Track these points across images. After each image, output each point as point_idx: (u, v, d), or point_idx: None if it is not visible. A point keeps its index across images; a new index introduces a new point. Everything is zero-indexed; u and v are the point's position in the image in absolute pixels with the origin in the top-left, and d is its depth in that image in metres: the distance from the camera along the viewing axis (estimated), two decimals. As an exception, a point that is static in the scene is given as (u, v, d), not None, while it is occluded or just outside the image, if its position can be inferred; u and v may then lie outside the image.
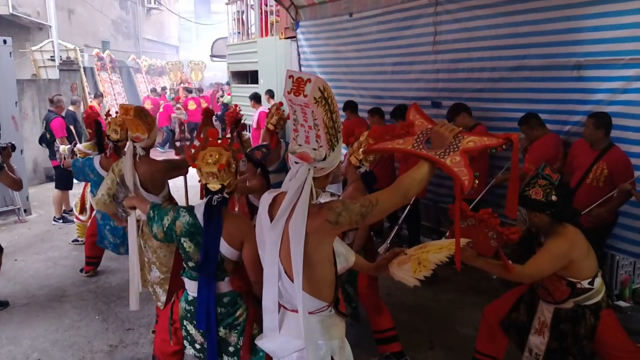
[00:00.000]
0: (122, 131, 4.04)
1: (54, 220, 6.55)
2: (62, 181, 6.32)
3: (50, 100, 6.65)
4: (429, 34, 5.08)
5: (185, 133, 13.10)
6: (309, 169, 1.68)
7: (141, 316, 3.99)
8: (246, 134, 5.77)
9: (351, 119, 5.84)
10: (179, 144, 12.37)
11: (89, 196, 4.99)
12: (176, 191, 3.89)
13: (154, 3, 23.61)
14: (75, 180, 6.33)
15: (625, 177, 3.50)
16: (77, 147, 5.38)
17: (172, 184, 3.57)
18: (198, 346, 2.41)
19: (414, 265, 2.03)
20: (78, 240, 5.66)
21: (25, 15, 12.90)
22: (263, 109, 7.95)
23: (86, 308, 4.21)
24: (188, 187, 3.94)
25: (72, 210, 6.04)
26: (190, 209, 2.37)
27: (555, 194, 2.47)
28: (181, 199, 3.86)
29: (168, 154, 11.45)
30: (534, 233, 2.74)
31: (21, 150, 6.56)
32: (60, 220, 6.51)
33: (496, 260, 2.41)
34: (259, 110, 8.16)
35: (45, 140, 6.45)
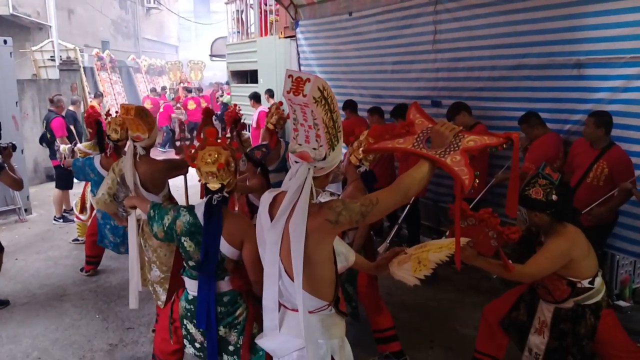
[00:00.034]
0: (122, 131, 4.04)
1: (55, 219, 6.55)
2: (63, 181, 6.32)
3: (51, 100, 6.66)
4: (429, 33, 5.07)
5: (185, 133, 13.11)
6: (308, 169, 1.68)
7: (141, 315, 3.99)
8: (246, 134, 5.76)
9: (351, 118, 5.83)
10: (179, 143, 12.36)
11: (89, 196, 4.99)
12: (176, 190, 3.89)
13: (154, 3, 23.59)
14: (75, 180, 6.35)
15: (626, 176, 3.50)
16: (78, 147, 5.39)
17: (172, 183, 3.57)
18: (198, 345, 2.41)
19: (414, 264, 2.03)
20: (78, 240, 5.67)
21: (26, 16, 12.89)
22: (263, 108, 7.95)
23: (86, 307, 4.21)
24: (188, 187, 3.94)
25: (73, 209, 6.04)
26: (190, 208, 2.37)
27: (556, 194, 2.47)
28: (181, 198, 3.86)
29: (169, 154, 11.45)
30: (534, 232, 2.73)
31: (22, 150, 6.57)
32: (61, 220, 6.51)
33: (496, 260, 2.41)
34: (259, 109, 8.16)
35: (45, 140, 6.46)
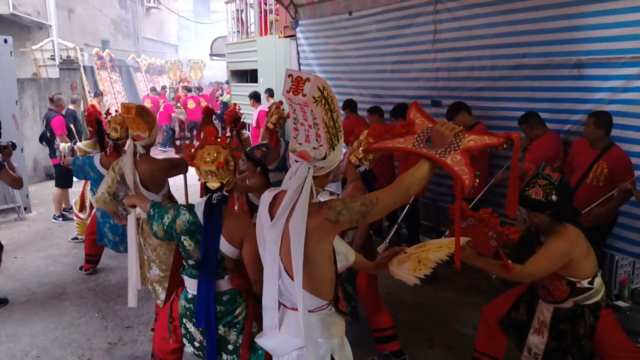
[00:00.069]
0: (122, 129, 4.04)
1: (54, 218, 6.55)
2: (62, 179, 6.32)
3: (51, 99, 6.66)
4: (429, 33, 5.07)
5: (185, 132, 13.10)
6: (308, 168, 1.68)
7: (140, 314, 3.99)
8: (245, 133, 5.76)
9: (350, 118, 5.83)
10: (178, 142, 12.35)
11: (89, 194, 4.99)
12: (176, 189, 3.89)
13: (154, 2, 23.57)
14: (75, 179, 6.35)
15: (626, 177, 3.50)
16: (77, 146, 5.39)
17: (172, 182, 3.57)
18: (197, 344, 2.41)
19: (414, 263, 2.03)
20: (78, 238, 5.66)
21: (26, 15, 12.88)
22: (262, 107, 7.95)
23: (85, 306, 4.21)
24: (188, 186, 3.94)
25: (72, 208, 6.04)
26: (190, 207, 2.37)
27: (555, 194, 2.47)
28: (181, 197, 3.86)
29: (169, 153, 11.45)
30: (533, 233, 2.73)
31: (21, 149, 6.57)
32: (60, 218, 6.51)
33: (496, 260, 2.41)
34: (259, 109, 8.16)
35: (45, 139, 6.46)
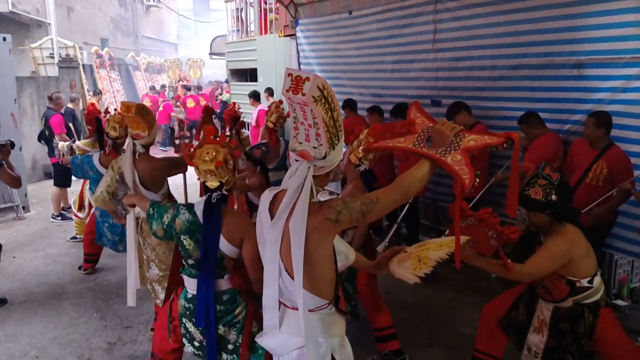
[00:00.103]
0: (121, 128, 4.03)
1: (53, 217, 6.54)
2: (61, 178, 6.31)
3: (49, 98, 6.64)
4: (429, 32, 5.06)
5: (185, 131, 13.09)
6: (308, 167, 1.68)
7: (140, 314, 3.99)
8: (245, 132, 5.75)
9: (350, 117, 5.82)
10: (178, 142, 12.34)
11: (88, 193, 4.98)
12: (175, 189, 3.88)
13: (153, 0, 23.56)
14: (74, 178, 6.33)
15: (625, 177, 3.50)
16: (76, 144, 5.37)
17: (172, 181, 3.56)
18: (197, 344, 2.41)
19: (414, 262, 2.03)
20: (76, 238, 5.65)
21: (25, 13, 12.86)
22: (262, 106, 7.94)
23: (85, 305, 4.20)
24: (187, 185, 3.93)
25: (71, 207, 6.03)
26: (190, 207, 2.36)
27: (555, 194, 2.47)
28: (180, 196, 3.86)
29: (169, 153, 11.43)
30: (533, 232, 2.73)
31: (20, 148, 6.56)
32: (59, 218, 6.50)
33: (496, 260, 2.41)
34: (258, 108, 8.15)
35: (44, 138, 6.44)
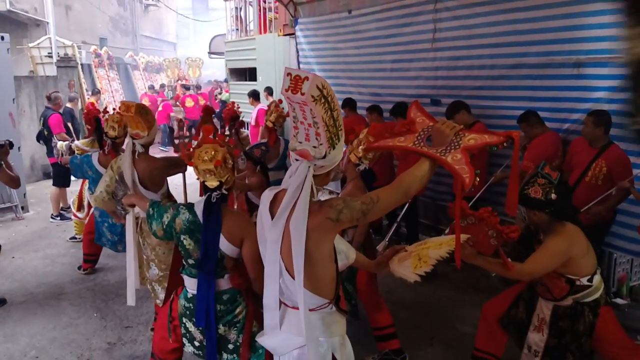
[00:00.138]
0: (120, 128, 4.03)
1: (52, 217, 6.53)
2: (60, 178, 6.30)
3: (48, 97, 6.63)
4: (428, 31, 5.07)
5: (185, 130, 13.08)
6: (309, 167, 1.68)
7: (140, 314, 3.98)
8: (244, 132, 5.75)
9: (350, 117, 5.82)
10: (177, 141, 12.33)
11: (87, 193, 4.97)
12: (175, 189, 3.88)
13: (152, 0, 23.53)
14: (73, 177, 6.32)
15: (624, 175, 3.51)
16: (75, 144, 5.36)
17: (171, 181, 3.55)
18: (197, 343, 2.41)
19: (415, 261, 2.03)
20: (76, 238, 5.64)
21: (23, 12, 12.84)
22: (262, 106, 7.92)
23: (84, 305, 4.20)
24: (187, 185, 3.93)
25: (70, 207, 6.03)
26: (190, 206, 2.36)
27: (555, 193, 2.47)
28: (180, 196, 3.85)
29: (169, 152, 11.42)
30: (533, 231, 2.74)
31: (19, 148, 6.53)
32: (58, 218, 6.49)
33: (496, 259, 2.41)
34: (258, 107, 8.14)
35: (42, 137, 6.43)
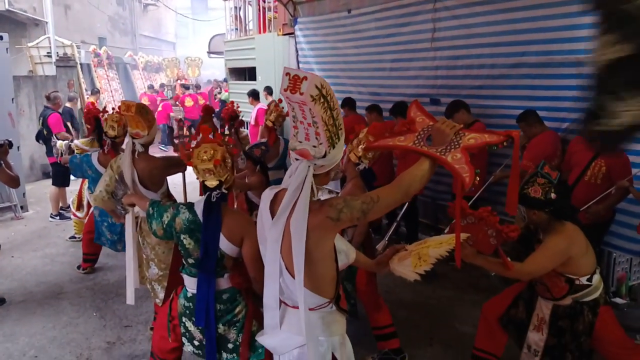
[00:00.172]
0: (119, 127, 4.02)
1: (51, 217, 6.53)
2: (59, 178, 6.29)
3: (47, 97, 6.63)
4: (428, 31, 5.07)
5: (184, 130, 13.09)
6: (309, 166, 1.68)
7: (139, 313, 3.98)
8: (244, 131, 5.75)
9: (349, 116, 5.82)
10: (177, 141, 12.34)
11: (87, 193, 4.97)
12: (174, 188, 3.88)
13: (151, -1, 23.56)
14: (72, 177, 6.32)
15: (623, 175, 3.51)
16: (75, 143, 5.36)
17: (171, 180, 3.55)
18: (197, 343, 2.41)
19: (415, 260, 2.04)
20: (75, 237, 5.64)
21: (22, 11, 12.82)
22: (261, 105, 7.92)
23: (84, 305, 4.20)
24: (187, 184, 3.92)
25: (69, 206, 6.02)
26: (190, 206, 2.36)
27: (554, 192, 2.47)
28: (180, 195, 3.85)
29: (169, 152, 11.42)
30: (532, 230, 2.74)
31: (18, 147, 6.53)
32: (57, 217, 6.49)
33: (495, 258, 2.41)
34: (257, 107, 8.13)
35: (42, 137, 6.43)
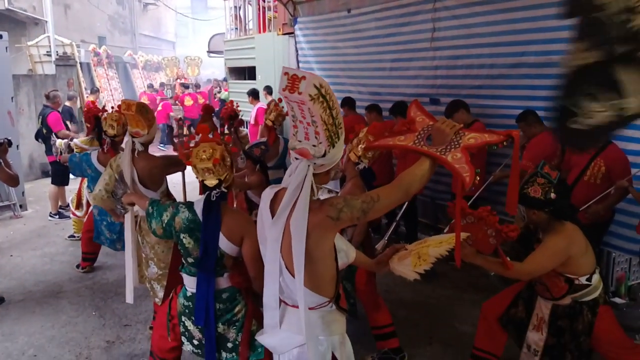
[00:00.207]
0: (119, 126, 4.01)
1: (50, 215, 6.52)
2: (59, 177, 6.29)
3: (47, 96, 6.63)
4: (428, 31, 5.07)
5: (184, 129, 13.08)
6: (308, 165, 1.68)
7: (138, 312, 3.98)
8: (244, 130, 5.76)
9: (349, 116, 5.81)
10: (176, 140, 12.34)
11: (86, 192, 4.97)
12: (174, 187, 3.87)
13: (151, -2, 23.54)
14: (71, 176, 6.32)
15: (622, 175, 3.51)
16: (74, 142, 5.35)
17: (170, 180, 3.55)
18: (196, 342, 2.41)
19: (414, 259, 2.04)
20: (74, 236, 5.64)
21: (21, 10, 12.82)
22: (261, 105, 7.92)
23: (83, 304, 4.19)
24: (186, 183, 3.92)
25: (69, 205, 6.02)
26: (189, 205, 2.36)
27: (554, 192, 2.47)
28: (179, 195, 3.85)
29: (169, 151, 11.43)
30: (532, 230, 2.74)
31: (17, 146, 6.52)
32: (57, 216, 6.48)
33: (495, 258, 2.41)
34: (257, 106, 8.13)
35: (41, 136, 6.42)
